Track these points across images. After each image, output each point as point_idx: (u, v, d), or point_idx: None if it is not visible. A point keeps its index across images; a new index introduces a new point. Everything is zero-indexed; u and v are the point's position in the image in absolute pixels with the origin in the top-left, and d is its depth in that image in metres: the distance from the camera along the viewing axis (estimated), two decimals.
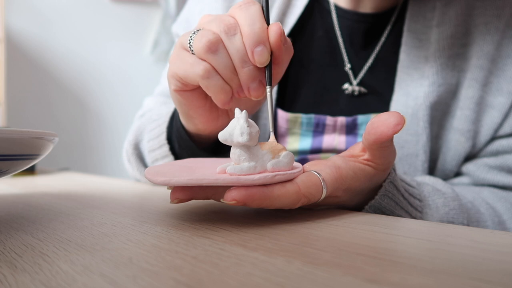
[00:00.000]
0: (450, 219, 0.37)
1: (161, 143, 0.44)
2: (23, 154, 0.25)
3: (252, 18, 0.30)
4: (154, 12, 2.22)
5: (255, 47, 0.30)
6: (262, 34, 0.30)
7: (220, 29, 0.31)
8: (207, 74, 0.31)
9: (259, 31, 0.30)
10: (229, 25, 0.31)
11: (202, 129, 0.38)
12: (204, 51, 0.30)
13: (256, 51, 0.30)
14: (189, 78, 0.32)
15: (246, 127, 0.24)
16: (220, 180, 0.23)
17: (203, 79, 0.31)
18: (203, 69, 0.31)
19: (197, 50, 0.31)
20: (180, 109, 0.37)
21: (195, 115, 0.37)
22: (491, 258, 0.18)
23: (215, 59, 0.31)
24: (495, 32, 0.46)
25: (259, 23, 0.30)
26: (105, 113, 2.08)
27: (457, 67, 0.47)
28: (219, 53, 0.31)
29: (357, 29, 0.51)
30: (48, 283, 0.15)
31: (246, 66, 0.31)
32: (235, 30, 0.31)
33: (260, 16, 0.31)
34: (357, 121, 0.49)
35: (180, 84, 0.34)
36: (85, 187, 0.47)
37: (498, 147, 0.46)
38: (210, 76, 0.31)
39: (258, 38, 0.30)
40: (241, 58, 0.31)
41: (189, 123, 0.39)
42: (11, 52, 1.77)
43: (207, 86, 0.31)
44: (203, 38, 0.31)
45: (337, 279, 0.15)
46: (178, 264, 0.17)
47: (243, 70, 0.31)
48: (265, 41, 0.30)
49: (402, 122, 0.26)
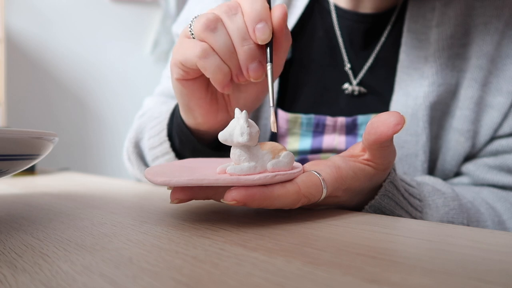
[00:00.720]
0: (450, 219, 0.37)
1: (161, 140, 0.44)
2: (23, 154, 0.25)
3: None
4: (154, 12, 2.22)
5: (256, 24, 0.30)
6: (264, 12, 0.30)
7: (221, 10, 0.31)
8: (204, 53, 0.31)
9: (260, 9, 0.30)
10: (230, 6, 0.31)
11: (201, 122, 0.38)
12: (202, 30, 0.30)
13: (258, 28, 0.30)
14: (188, 61, 0.32)
15: (246, 127, 0.24)
16: (220, 180, 0.23)
17: (200, 59, 0.31)
18: (200, 49, 0.31)
19: (195, 30, 0.31)
20: (181, 100, 0.37)
21: (195, 107, 0.36)
22: (491, 258, 0.18)
23: (213, 37, 0.30)
24: (494, 32, 0.46)
25: (260, 2, 0.30)
26: (105, 113, 2.08)
27: (457, 67, 0.47)
28: (218, 32, 0.30)
29: (357, 29, 0.51)
30: (48, 283, 0.15)
31: (246, 44, 0.31)
32: (236, 9, 0.31)
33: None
34: (357, 121, 0.49)
35: (182, 72, 0.34)
36: (85, 187, 0.47)
37: (498, 147, 0.46)
38: (207, 56, 0.31)
39: (260, 15, 0.30)
40: (241, 36, 0.30)
41: (189, 117, 0.38)
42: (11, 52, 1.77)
43: (205, 66, 0.31)
44: (202, 18, 0.31)
45: (337, 279, 0.15)
46: (178, 264, 0.17)
47: (243, 49, 0.31)
48: (267, 19, 0.30)
49: (402, 122, 0.26)
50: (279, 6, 0.31)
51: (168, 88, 0.57)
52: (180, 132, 0.41)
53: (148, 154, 0.47)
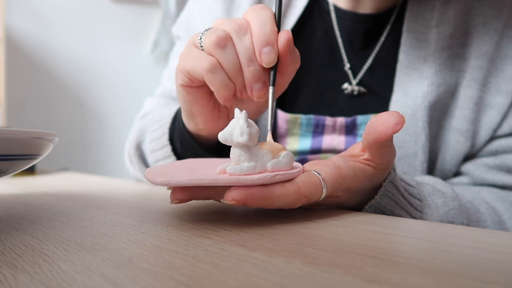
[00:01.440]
0: (450, 219, 0.37)
1: (163, 144, 0.44)
2: (23, 154, 0.25)
3: (263, 20, 0.31)
4: (154, 12, 2.22)
5: (263, 47, 0.31)
6: (272, 36, 0.31)
7: (231, 28, 0.32)
8: (212, 68, 0.32)
9: (269, 33, 0.31)
10: (241, 25, 0.32)
11: (203, 129, 0.39)
12: (213, 46, 0.31)
13: (264, 51, 0.31)
14: (195, 72, 0.33)
15: (245, 127, 0.24)
16: (220, 180, 0.23)
17: (208, 73, 0.32)
18: (209, 63, 0.32)
19: (206, 45, 0.32)
20: (184, 106, 0.37)
21: (198, 113, 0.37)
22: (491, 258, 0.18)
23: (222, 55, 0.31)
24: (494, 32, 0.46)
25: (270, 25, 0.31)
26: (105, 113, 2.08)
27: (456, 67, 0.47)
28: (227, 49, 0.31)
29: (356, 30, 0.51)
30: (48, 283, 0.15)
31: (252, 65, 0.32)
32: (246, 30, 0.32)
33: (271, 20, 0.32)
34: (356, 121, 0.49)
35: (187, 79, 0.34)
36: (85, 187, 0.47)
37: (497, 147, 0.46)
38: (215, 71, 0.32)
39: (268, 39, 0.31)
40: (248, 56, 0.31)
41: (191, 122, 0.39)
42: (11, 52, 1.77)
43: (211, 80, 0.32)
44: (213, 34, 0.32)
45: (337, 279, 0.15)
46: (178, 264, 0.17)
47: (249, 69, 0.32)
48: (274, 43, 0.31)
49: (402, 121, 0.26)
50: (284, 31, 0.31)
51: (168, 89, 0.57)
52: (182, 137, 0.42)
53: (149, 157, 0.47)
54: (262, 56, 0.31)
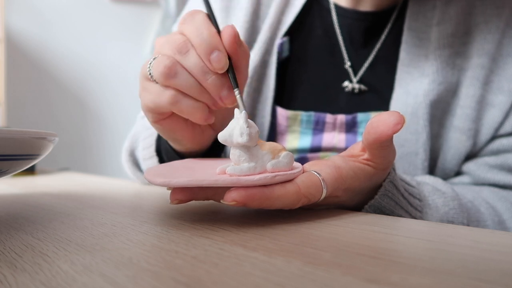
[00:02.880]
0: (450, 219, 0.37)
1: (151, 154, 0.44)
2: (23, 154, 0.25)
3: (198, 28, 0.30)
4: (154, 12, 2.22)
5: (210, 55, 0.30)
6: (213, 40, 0.30)
7: (173, 51, 0.31)
8: (175, 99, 0.31)
9: (208, 38, 0.30)
10: (180, 44, 0.31)
11: (191, 147, 0.38)
12: (164, 78, 0.30)
13: (212, 58, 0.30)
14: (160, 108, 0.32)
15: (245, 127, 0.24)
16: (220, 181, 0.23)
17: (173, 105, 0.31)
18: (169, 96, 0.31)
19: (158, 78, 0.31)
20: (165, 136, 0.37)
21: (180, 138, 0.36)
22: (491, 258, 0.18)
23: (178, 82, 0.31)
24: (495, 31, 0.46)
25: (206, 31, 0.30)
26: (105, 113, 2.08)
27: (458, 65, 0.47)
28: (179, 75, 0.30)
29: (357, 28, 0.51)
30: (48, 283, 0.15)
31: (209, 77, 0.31)
32: (186, 47, 0.31)
33: (206, 23, 0.31)
34: (356, 119, 0.49)
35: (156, 115, 0.34)
36: (85, 187, 0.47)
37: (499, 146, 0.46)
38: (178, 100, 0.31)
39: (210, 45, 0.30)
40: (201, 71, 0.30)
41: (177, 145, 0.38)
42: (11, 52, 1.77)
43: (180, 110, 0.31)
44: (159, 65, 0.30)
45: (337, 279, 0.15)
46: (178, 264, 0.17)
47: (208, 82, 0.31)
48: (218, 45, 0.30)
49: (402, 121, 0.26)
50: (227, 27, 0.31)
51: None
52: (166, 151, 0.42)
53: (142, 164, 0.48)
54: (213, 64, 0.30)
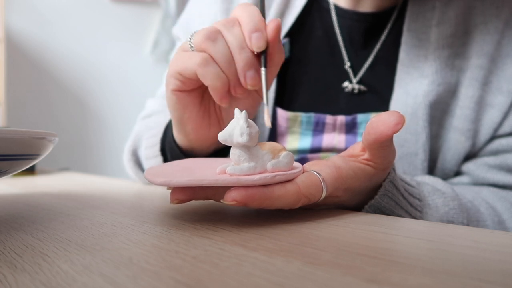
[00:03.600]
0: (450, 219, 0.37)
1: (155, 154, 0.45)
2: (23, 154, 0.25)
3: (250, 12, 0.33)
4: (154, 12, 2.22)
5: (252, 33, 0.32)
6: (260, 23, 0.32)
7: (220, 23, 0.33)
8: (204, 62, 0.32)
9: (257, 20, 0.32)
10: (229, 19, 0.33)
11: (193, 139, 0.39)
12: (203, 40, 0.32)
13: (254, 36, 0.32)
14: (187, 70, 0.33)
15: (246, 127, 0.24)
16: (220, 180, 0.23)
17: (199, 67, 0.32)
18: (200, 57, 0.32)
19: (196, 41, 0.33)
20: (174, 113, 0.37)
21: (188, 120, 0.37)
22: (491, 258, 0.18)
23: (213, 47, 0.32)
24: (494, 31, 0.46)
25: (257, 16, 0.33)
26: (105, 113, 2.08)
27: (457, 66, 0.47)
28: (217, 42, 0.32)
29: (357, 28, 0.51)
30: (48, 283, 0.15)
31: (244, 52, 0.32)
32: (234, 22, 0.33)
33: (258, 13, 0.33)
34: (356, 120, 0.49)
35: (178, 82, 0.34)
36: (85, 187, 0.47)
37: (498, 146, 0.46)
38: (207, 64, 0.32)
39: (256, 25, 0.32)
40: (239, 44, 0.32)
41: (181, 132, 0.39)
42: (11, 52, 1.77)
43: (204, 74, 0.32)
44: (203, 30, 0.33)
45: (337, 279, 0.15)
46: (178, 264, 0.17)
47: (241, 57, 0.32)
48: (263, 29, 0.32)
49: (402, 121, 0.26)
50: (273, 20, 0.33)
51: None
52: (171, 150, 0.42)
53: (144, 163, 0.48)
54: (253, 41, 0.32)
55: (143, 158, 0.48)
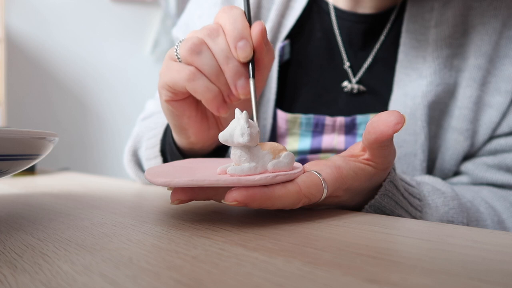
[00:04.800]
0: (450, 219, 0.37)
1: (155, 154, 0.45)
2: (23, 154, 0.25)
3: (234, 18, 0.32)
4: (154, 12, 2.22)
5: (237, 42, 0.31)
6: (244, 31, 0.32)
7: (203, 33, 0.32)
8: (192, 76, 0.32)
9: (241, 28, 0.31)
10: (212, 29, 0.32)
11: (194, 141, 0.39)
12: (188, 54, 0.32)
13: (239, 46, 0.31)
14: (177, 84, 0.33)
15: (246, 127, 0.24)
16: (221, 181, 0.23)
17: (189, 82, 0.32)
18: (188, 72, 0.32)
19: (182, 54, 0.32)
20: (172, 121, 0.38)
21: (187, 126, 0.37)
22: (491, 258, 0.18)
23: (200, 60, 0.32)
24: (492, 32, 0.46)
25: (240, 22, 0.32)
26: (105, 113, 2.08)
27: (455, 67, 0.47)
28: (203, 54, 0.32)
29: (356, 30, 0.51)
30: (48, 283, 0.15)
31: (231, 62, 0.32)
32: (217, 31, 0.32)
33: (242, 17, 0.32)
34: (356, 121, 0.49)
35: (170, 94, 0.34)
36: (85, 187, 0.47)
37: (497, 146, 0.46)
38: (195, 78, 0.32)
39: (240, 34, 0.31)
40: (225, 55, 0.32)
41: (181, 137, 0.39)
42: (11, 52, 1.77)
43: (194, 88, 0.32)
44: (187, 42, 0.32)
45: (337, 279, 0.15)
46: (178, 264, 0.17)
47: (228, 67, 0.32)
48: (247, 37, 0.32)
49: (402, 121, 0.26)
50: (257, 23, 0.32)
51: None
52: (171, 151, 0.42)
53: (145, 164, 0.48)
54: (238, 51, 0.31)
55: (144, 159, 0.48)
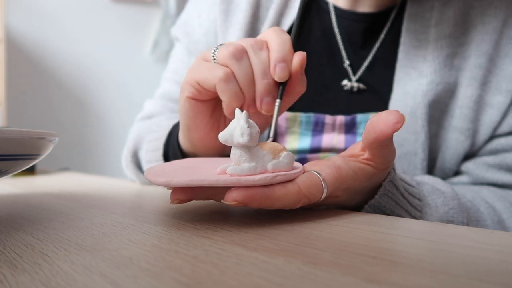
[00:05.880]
0: (450, 218, 0.37)
1: (157, 158, 0.45)
2: (23, 154, 0.25)
3: (283, 41, 0.33)
4: (154, 12, 2.22)
5: (279, 62, 0.32)
6: (289, 55, 0.33)
7: (248, 43, 0.33)
8: (226, 77, 0.32)
9: (287, 51, 0.32)
10: (257, 41, 0.33)
11: (199, 146, 0.39)
12: (229, 56, 0.32)
13: (279, 66, 0.32)
14: (207, 81, 0.33)
15: (246, 127, 0.24)
16: (220, 181, 0.23)
17: (221, 82, 0.32)
18: (223, 72, 0.32)
19: (221, 55, 0.33)
20: (184, 120, 0.37)
21: (197, 129, 0.37)
22: (491, 258, 0.18)
23: (237, 65, 0.32)
24: (493, 31, 0.46)
25: (288, 47, 0.33)
26: (105, 113, 2.08)
27: (456, 66, 0.47)
28: (242, 61, 0.32)
29: (355, 29, 0.51)
30: (48, 283, 0.15)
31: (266, 78, 0.32)
32: (262, 45, 0.33)
33: (290, 43, 0.33)
34: (356, 120, 0.49)
35: (195, 91, 0.34)
36: (85, 187, 0.47)
37: (497, 146, 0.46)
38: (228, 80, 0.32)
39: (285, 56, 0.32)
40: (263, 69, 0.32)
41: (187, 139, 0.39)
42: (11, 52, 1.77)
43: (223, 89, 0.32)
44: (229, 46, 0.32)
45: (337, 279, 0.15)
46: (178, 264, 0.17)
47: (262, 82, 0.32)
48: (289, 61, 0.32)
49: (402, 120, 0.26)
50: (300, 53, 0.33)
51: (168, 90, 0.57)
52: (174, 155, 0.42)
53: (144, 166, 0.48)
54: (277, 70, 0.32)
55: (144, 161, 0.48)
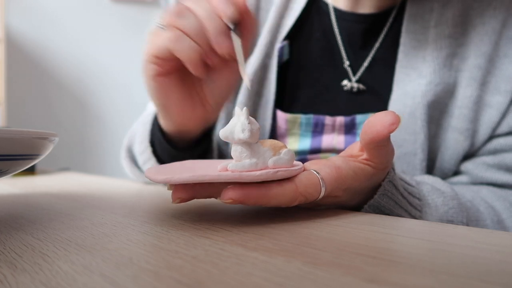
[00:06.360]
0: (450, 218, 0.37)
1: (145, 146, 0.45)
2: (23, 154, 0.25)
3: None
4: (154, 12, 2.22)
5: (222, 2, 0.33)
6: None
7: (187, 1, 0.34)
8: (175, 36, 0.33)
9: None
10: None
11: (180, 122, 0.39)
12: (172, 17, 0.33)
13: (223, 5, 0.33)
14: (160, 49, 0.34)
15: (247, 124, 0.24)
16: (222, 176, 0.23)
17: (171, 42, 0.33)
18: (171, 34, 0.33)
19: (166, 19, 0.33)
20: (157, 100, 0.38)
21: (172, 105, 0.38)
22: (491, 258, 0.18)
23: (182, 21, 0.33)
24: (492, 32, 0.46)
25: None
26: (105, 113, 2.08)
27: (455, 66, 0.47)
28: (186, 16, 0.33)
29: (355, 29, 0.51)
30: (48, 283, 0.15)
31: (214, 21, 0.33)
32: None
33: None
34: (355, 120, 0.49)
35: (155, 66, 0.35)
36: (85, 187, 0.47)
37: (496, 146, 0.46)
38: (178, 38, 0.33)
39: None
40: (208, 15, 0.33)
41: (167, 118, 0.40)
42: (11, 52, 1.77)
43: (178, 48, 0.33)
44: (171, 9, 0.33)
45: (337, 279, 0.15)
46: (178, 264, 0.17)
47: (212, 25, 0.33)
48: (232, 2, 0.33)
49: (397, 121, 0.26)
50: None
51: None
52: (158, 139, 0.43)
53: (139, 159, 0.48)
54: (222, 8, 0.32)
55: (137, 154, 0.48)
